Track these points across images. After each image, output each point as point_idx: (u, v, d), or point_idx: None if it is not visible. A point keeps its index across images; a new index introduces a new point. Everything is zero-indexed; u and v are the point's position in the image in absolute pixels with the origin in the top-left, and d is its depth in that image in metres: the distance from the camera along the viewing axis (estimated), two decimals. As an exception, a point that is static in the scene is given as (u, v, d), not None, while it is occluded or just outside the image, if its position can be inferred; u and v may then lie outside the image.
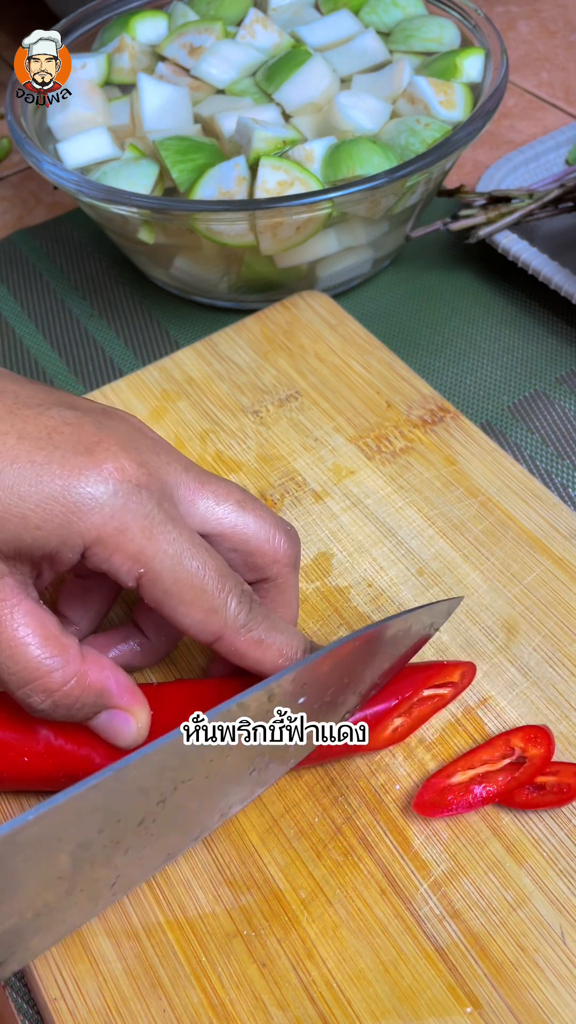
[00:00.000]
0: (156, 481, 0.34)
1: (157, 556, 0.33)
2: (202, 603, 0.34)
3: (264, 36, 0.64)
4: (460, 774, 0.37)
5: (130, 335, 0.64)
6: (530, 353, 0.59)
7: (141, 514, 0.33)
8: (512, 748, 0.38)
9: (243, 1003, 0.33)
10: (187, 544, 0.34)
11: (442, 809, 0.36)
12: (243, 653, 0.35)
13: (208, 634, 0.35)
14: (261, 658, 0.36)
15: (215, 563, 0.34)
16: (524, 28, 0.91)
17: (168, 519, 0.34)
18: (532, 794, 0.37)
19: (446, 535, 0.46)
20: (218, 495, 0.37)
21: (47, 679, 0.33)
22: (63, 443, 0.33)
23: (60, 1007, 0.34)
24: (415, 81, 0.59)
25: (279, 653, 0.36)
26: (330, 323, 0.57)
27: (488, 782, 0.37)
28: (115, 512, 0.32)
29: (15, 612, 0.32)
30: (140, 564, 0.33)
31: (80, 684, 0.33)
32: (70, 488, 0.32)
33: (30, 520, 0.32)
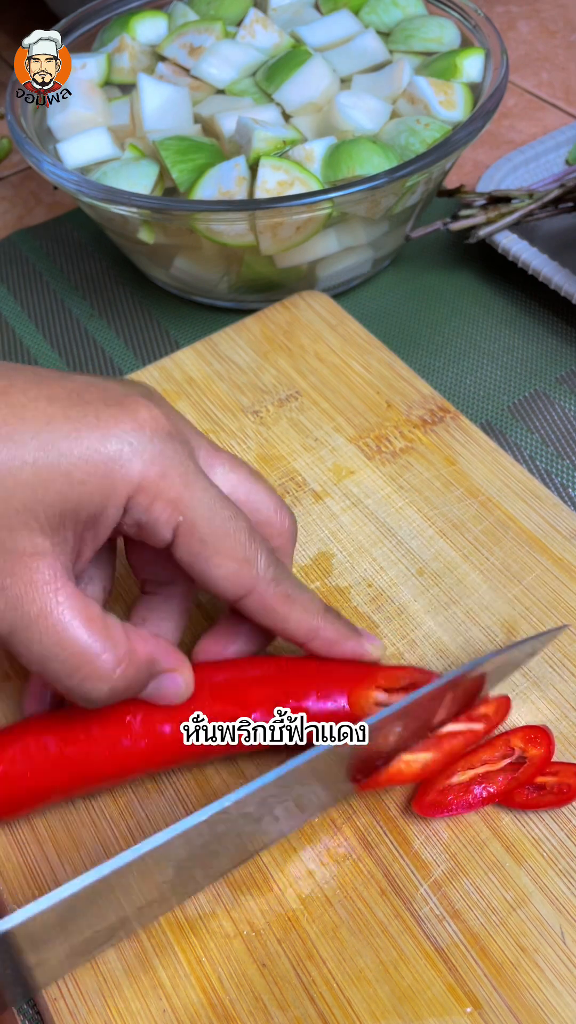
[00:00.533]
0: (183, 435, 0.35)
1: (194, 503, 0.33)
2: (236, 553, 0.34)
3: (264, 36, 0.64)
4: (460, 774, 0.37)
5: (130, 335, 0.64)
6: (530, 353, 0.59)
7: (178, 461, 0.33)
8: (512, 748, 0.38)
9: (243, 1003, 0.33)
10: (219, 495, 0.34)
11: (442, 809, 0.36)
12: (272, 607, 0.35)
13: (240, 587, 0.35)
14: (288, 614, 0.36)
15: (244, 516, 0.35)
16: (524, 28, 0.91)
17: (199, 470, 0.34)
18: (532, 794, 0.37)
19: (446, 535, 0.46)
20: (232, 464, 0.38)
21: (97, 663, 0.32)
22: (93, 399, 0.33)
23: (60, 1007, 0.34)
24: (415, 81, 0.59)
25: (304, 609, 0.36)
26: (330, 323, 0.57)
27: (488, 782, 0.37)
28: (154, 458, 0.32)
29: (59, 595, 0.32)
30: (179, 511, 0.33)
31: (133, 663, 0.33)
32: (109, 437, 0.32)
33: (74, 475, 0.31)
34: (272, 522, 0.38)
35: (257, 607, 0.36)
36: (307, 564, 0.46)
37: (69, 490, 0.31)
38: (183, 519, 0.33)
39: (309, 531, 0.47)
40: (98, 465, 0.32)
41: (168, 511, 0.33)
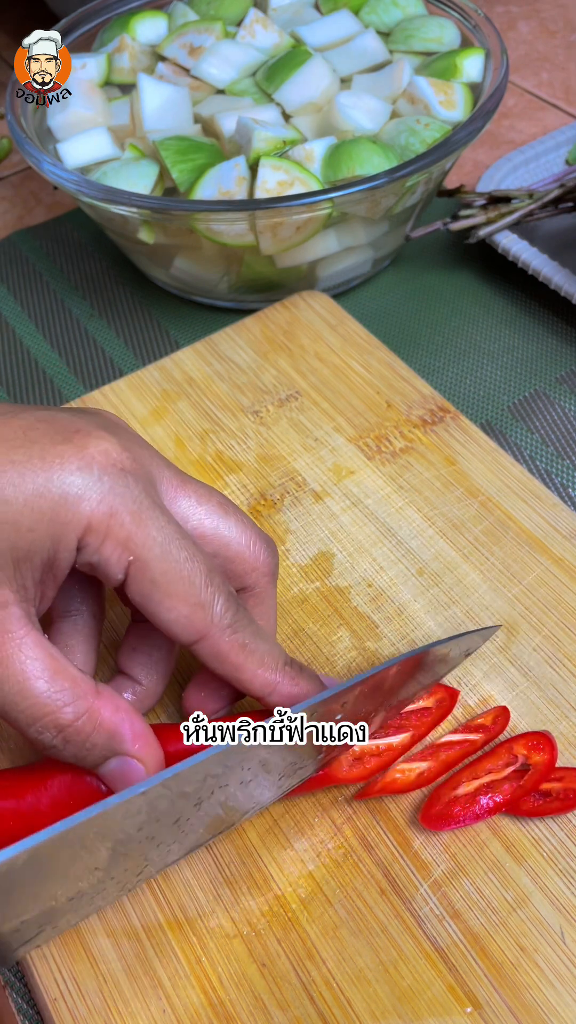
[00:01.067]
0: (141, 468, 0.33)
1: (146, 543, 0.32)
2: (189, 597, 0.33)
3: (264, 36, 0.64)
4: (465, 785, 0.37)
5: (130, 335, 0.64)
6: (530, 353, 0.59)
7: (129, 498, 0.32)
8: (515, 756, 0.37)
9: (243, 1003, 0.33)
10: (175, 533, 0.33)
11: (449, 821, 0.36)
12: (225, 655, 0.34)
13: (192, 632, 0.33)
14: (243, 663, 0.34)
15: (203, 557, 0.33)
16: (524, 28, 0.91)
17: (155, 505, 0.33)
18: (538, 801, 0.37)
19: (446, 535, 0.46)
20: (200, 496, 0.36)
21: (58, 714, 0.31)
22: (39, 437, 0.31)
23: (60, 1007, 0.34)
24: (415, 81, 0.59)
25: (260, 661, 0.35)
26: (330, 323, 0.57)
27: (494, 791, 0.37)
28: (103, 497, 0.31)
29: (23, 645, 0.31)
30: (129, 551, 0.32)
31: (92, 720, 0.32)
32: (53, 480, 0.31)
33: (21, 524, 0.30)
34: (245, 557, 0.36)
35: (210, 654, 0.34)
36: (307, 564, 0.46)
37: (18, 539, 0.31)
38: (134, 559, 0.32)
39: (309, 531, 0.47)
40: (44, 511, 0.31)
41: (118, 551, 0.32)
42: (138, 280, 0.67)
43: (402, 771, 0.37)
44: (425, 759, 0.38)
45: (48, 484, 0.31)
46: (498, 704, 0.40)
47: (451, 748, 0.38)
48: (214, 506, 0.36)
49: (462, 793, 0.37)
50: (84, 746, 0.32)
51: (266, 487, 0.49)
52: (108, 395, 0.54)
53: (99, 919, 0.35)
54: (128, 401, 0.54)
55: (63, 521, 0.31)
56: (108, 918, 0.36)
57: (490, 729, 0.39)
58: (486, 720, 0.39)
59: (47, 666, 0.31)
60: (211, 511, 0.36)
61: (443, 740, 0.38)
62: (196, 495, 0.36)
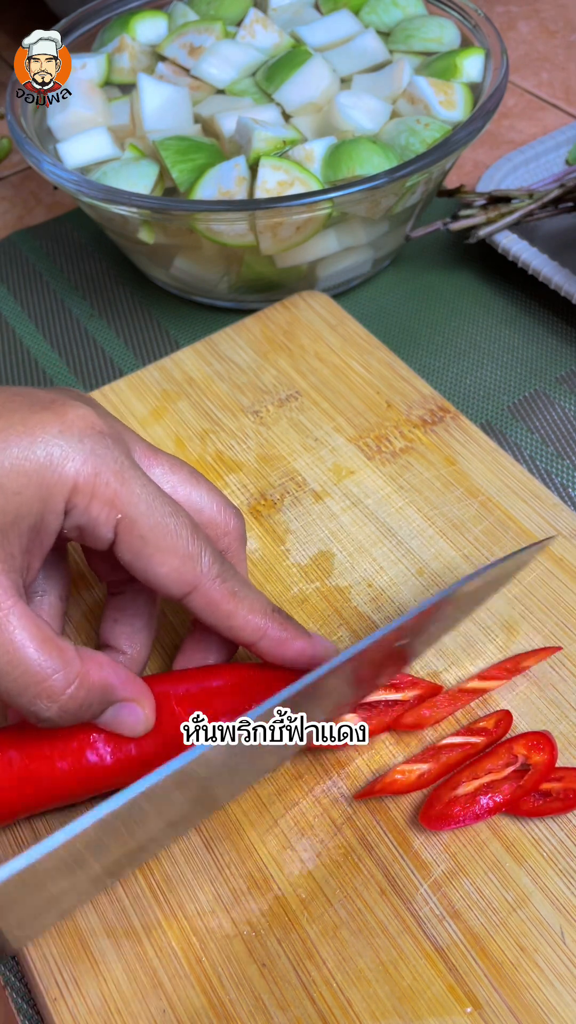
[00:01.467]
0: (117, 433, 0.34)
1: (132, 500, 0.33)
2: (178, 549, 0.34)
3: (264, 36, 0.64)
4: (465, 785, 0.37)
5: (130, 335, 0.64)
6: (530, 353, 0.59)
7: (111, 458, 0.33)
8: (516, 756, 0.37)
9: (243, 1003, 0.33)
10: (157, 491, 0.34)
11: (449, 821, 0.36)
12: (216, 604, 0.35)
13: (184, 584, 0.34)
14: (234, 610, 0.35)
15: (184, 512, 0.35)
16: (524, 28, 0.91)
17: (135, 466, 0.34)
18: (538, 801, 0.37)
19: (446, 535, 0.46)
20: (172, 465, 0.37)
21: (48, 683, 0.32)
22: (18, 407, 0.32)
23: (60, 1007, 0.34)
24: (415, 81, 0.59)
25: (251, 607, 0.36)
26: (330, 323, 0.57)
27: (494, 791, 0.37)
28: (86, 458, 0.32)
29: (11, 615, 0.31)
30: (117, 509, 0.33)
31: (83, 685, 0.33)
32: (37, 443, 0.32)
33: (8, 487, 0.31)
34: (217, 522, 0.38)
35: (202, 604, 0.35)
36: (307, 564, 0.46)
37: (5, 503, 0.31)
38: (122, 516, 0.33)
39: (309, 531, 0.47)
40: (30, 474, 0.31)
41: (106, 510, 0.33)
42: (138, 280, 0.67)
43: (402, 772, 0.37)
44: (426, 761, 0.38)
45: (32, 448, 0.31)
46: (496, 702, 0.40)
47: (452, 750, 0.38)
48: (186, 475, 0.37)
49: (462, 793, 0.37)
50: (81, 708, 0.33)
51: (266, 487, 0.49)
52: (108, 395, 0.54)
53: (99, 919, 0.36)
54: (128, 401, 0.54)
55: (50, 483, 0.32)
56: (108, 918, 0.36)
57: (492, 733, 0.39)
58: (488, 724, 0.39)
59: (35, 635, 0.32)
60: (183, 479, 0.37)
61: (445, 742, 0.38)
62: (168, 464, 0.37)
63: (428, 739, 0.39)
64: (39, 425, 0.32)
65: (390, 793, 0.37)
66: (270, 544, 0.47)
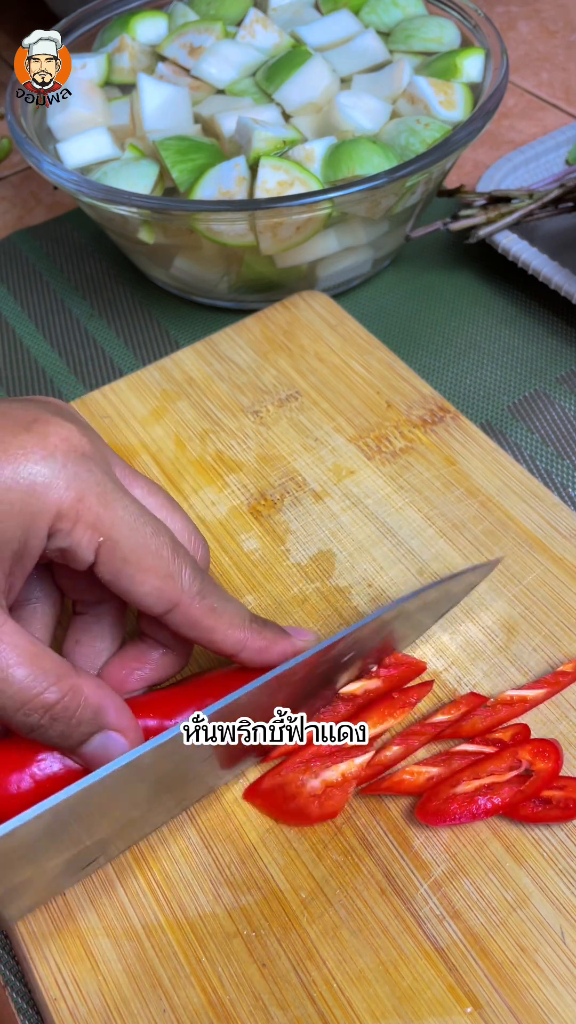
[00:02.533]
0: (99, 452, 0.34)
1: (115, 523, 0.33)
2: (159, 569, 0.34)
3: (264, 36, 0.64)
4: (465, 784, 0.37)
5: (130, 335, 0.64)
6: (530, 353, 0.59)
7: (93, 482, 0.33)
8: (520, 761, 0.37)
9: (243, 1003, 0.33)
10: (139, 510, 0.34)
11: (445, 818, 0.36)
12: (197, 620, 0.35)
13: (165, 602, 0.34)
14: (215, 625, 0.36)
15: (166, 530, 0.35)
16: (524, 28, 0.91)
17: (118, 487, 0.34)
18: (537, 808, 0.36)
19: (446, 535, 0.46)
20: (149, 488, 0.38)
21: (44, 695, 0.32)
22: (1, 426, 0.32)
23: (60, 1007, 0.34)
24: (415, 81, 0.59)
25: (230, 622, 0.36)
26: (330, 323, 0.57)
27: (494, 793, 0.36)
28: (69, 483, 0.32)
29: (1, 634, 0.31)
30: (99, 532, 0.33)
31: (76, 697, 0.33)
32: (20, 471, 0.31)
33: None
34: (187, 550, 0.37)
35: (183, 621, 0.35)
36: (307, 564, 0.46)
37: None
38: (104, 539, 0.33)
39: (309, 531, 0.47)
40: (13, 502, 0.31)
41: (89, 533, 0.33)
42: (138, 280, 0.67)
43: (412, 773, 0.37)
44: (436, 764, 0.38)
45: (15, 476, 0.31)
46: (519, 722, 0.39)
47: (465, 757, 0.38)
48: (162, 499, 0.38)
49: (461, 791, 0.37)
50: (71, 723, 0.33)
51: (266, 487, 0.49)
52: (108, 395, 0.54)
53: (99, 919, 0.36)
54: (128, 401, 0.54)
55: (33, 511, 0.32)
56: (108, 918, 0.36)
57: (508, 744, 0.38)
58: (505, 735, 0.38)
59: (26, 651, 0.32)
60: (160, 503, 0.38)
61: (458, 748, 0.38)
62: (146, 487, 0.38)
63: (438, 745, 0.39)
64: (21, 450, 0.32)
65: (396, 792, 0.37)
66: (270, 544, 0.47)
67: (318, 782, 0.37)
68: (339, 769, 0.37)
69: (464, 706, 0.39)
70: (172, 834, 0.37)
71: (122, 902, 0.36)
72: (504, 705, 0.39)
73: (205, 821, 0.38)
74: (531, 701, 0.39)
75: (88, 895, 0.36)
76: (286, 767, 0.37)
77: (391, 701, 0.39)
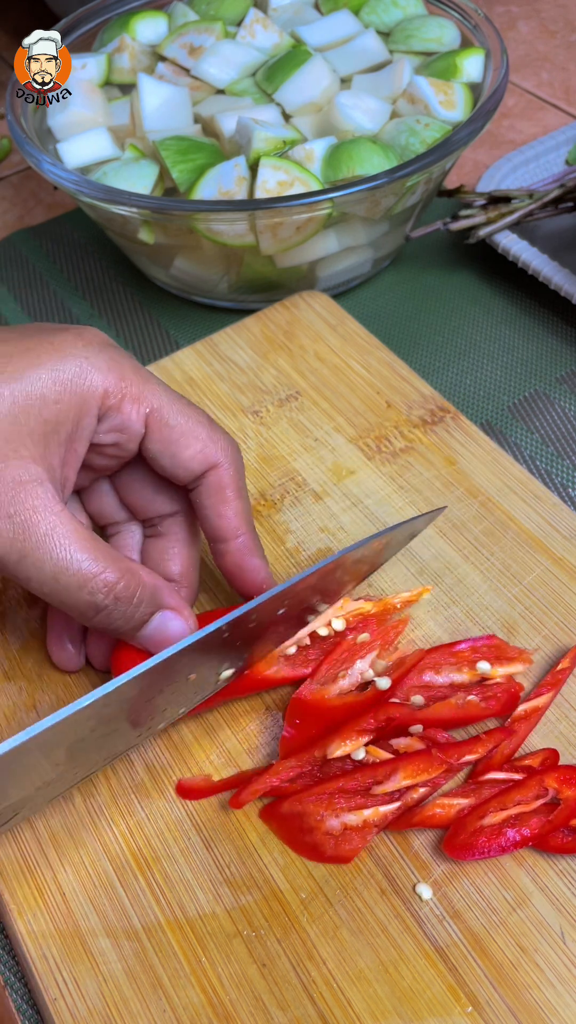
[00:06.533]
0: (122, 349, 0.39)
1: (156, 393, 0.37)
2: (200, 432, 0.38)
3: (264, 36, 0.64)
4: (492, 815, 0.36)
5: (130, 335, 0.64)
6: (530, 353, 0.59)
7: (129, 364, 0.37)
8: (546, 788, 0.36)
9: (243, 1003, 0.33)
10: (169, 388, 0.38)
11: (473, 852, 0.35)
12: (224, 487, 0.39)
13: (206, 462, 0.38)
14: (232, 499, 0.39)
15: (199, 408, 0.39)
16: (524, 28, 0.91)
17: (148, 372, 0.38)
18: (567, 838, 0.35)
19: (446, 535, 0.46)
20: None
21: (101, 577, 0.34)
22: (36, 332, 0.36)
23: (60, 1007, 0.34)
24: (415, 81, 0.59)
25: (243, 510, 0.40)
26: (330, 323, 0.57)
27: (521, 824, 0.35)
28: (110, 365, 0.36)
29: (60, 517, 0.34)
30: (145, 403, 0.37)
31: (135, 579, 0.36)
32: (66, 357, 0.35)
33: (48, 397, 0.35)
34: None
35: (212, 484, 0.39)
36: (307, 564, 0.46)
37: (46, 411, 0.35)
38: (150, 409, 0.37)
39: (309, 531, 0.47)
40: (65, 383, 0.35)
41: (136, 406, 0.37)
42: (138, 280, 0.67)
43: (443, 806, 0.36)
44: (467, 795, 0.37)
45: (63, 361, 0.35)
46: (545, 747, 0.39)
47: (494, 786, 0.37)
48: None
49: (488, 824, 0.35)
50: (132, 602, 0.36)
51: (266, 487, 0.49)
52: (108, 395, 0.54)
53: (99, 919, 0.36)
54: (128, 401, 0.54)
55: (84, 390, 0.36)
56: (108, 918, 0.36)
57: (537, 771, 0.37)
58: (534, 761, 0.37)
59: (83, 536, 0.35)
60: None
61: (487, 777, 0.37)
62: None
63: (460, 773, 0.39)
64: (65, 342, 0.36)
65: (428, 827, 0.36)
66: (270, 544, 0.47)
67: (338, 823, 0.36)
68: (363, 815, 0.36)
69: (491, 742, 0.38)
70: (172, 834, 0.37)
71: (122, 902, 0.36)
72: (520, 721, 0.39)
73: (205, 821, 0.38)
74: (543, 707, 0.39)
75: (88, 895, 0.36)
76: (308, 796, 0.37)
77: (429, 757, 0.37)
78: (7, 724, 0.41)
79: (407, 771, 0.36)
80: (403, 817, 0.36)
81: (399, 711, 0.38)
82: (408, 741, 0.38)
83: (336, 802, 0.36)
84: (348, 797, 0.36)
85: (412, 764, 0.36)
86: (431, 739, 0.38)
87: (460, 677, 0.40)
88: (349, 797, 0.36)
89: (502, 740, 0.38)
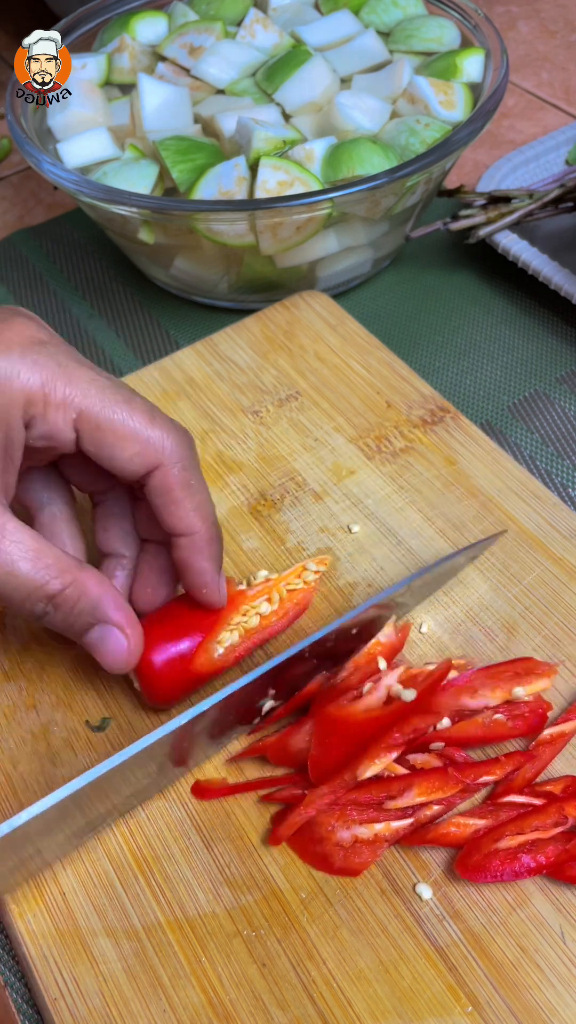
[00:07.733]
0: (56, 338, 0.36)
1: (84, 395, 0.35)
2: (137, 433, 0.36)
3: (264, 36, 0.64)
4: (508, 839, 0.35)
5: (130, 335, 0.64)
6: (530, 353, 0.59)
7: (54, 363, 0.35)
8: (565, 816, 0.35)
9: (243, 1003, 0.33)
10: (107, 381, 0.36)
11: (486, 874, 0.35)
12: (171, 488, 0.37)
13: (147, 463, 0.36)
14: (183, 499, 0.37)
15: (141, 399, 0.37)
16: (524, 28, 0.91)
17: (81, 363, 0.36)
18: None
19: (446, 535, 0.46)
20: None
21: (46, 587, 0.34)
22: None
23: (60, 1007, 0.34)
24: (415, 81, 0.59)
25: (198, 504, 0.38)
26: (330, 323, 0.57)
27: (538, 851, 0.35)
28: (31, 370, 0.34)
29: (4, 531, 0.34)
30: (72, 407, 0.35)
31: (77, 589, 0.35)
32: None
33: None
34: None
35: (158, 486, 0.37)
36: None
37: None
38: (78, 414, 0.35)
39: (309, 531, 0.47)
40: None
41: (62, 412, 0.35)
42: (138, 280, 0.67)
43: (458, 825, 0.36)
44: (484, 816, 0.36)
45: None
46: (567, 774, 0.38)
47: (513, 809, 0.36)
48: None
49: (503, 847, 0.35)
50: (72, 612, 0.36)
51: (266, 487, 0.49)
52: (108, 395, 0.54)
53: (99, 919, 0.36)
54: (128, 401, 0.54)
55: (3, 403, 0.34)
56: (108, 918, 0.36)
57: (558, 798, 0.36)
58: (555, 788, 0.37)
59: (30, 547, 0.34)
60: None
61: (506, 800, 0.37)
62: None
63: (480, 794, 0.38)
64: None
65: (441, 844, 0.36)
66: (270, 544, 0.47)
67: (348, 835, 0.36)
68: (374, 829, 0.35)
69: (509, 765, 0.37)
70: (172, 834, 0.37)
71: (122, 902, 0.36)
72: (545, 745, 0.38)
73: (205, 821, 0.38)
74: (569, 733, 0.38)
75: (88, 895, 0.36)
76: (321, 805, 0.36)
77: (444, 775, 0.37)
78: (7, 724, 0.41)
79: (422, 788, 0.36)
80: (416, 833, 0.36)
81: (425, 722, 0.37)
82: (425, 757, 0.37)
83: (348, 814, 0.36)
84: (361, 810, 0.36)
85: (427, 781, 0.36)
86: (449, 757, 0.37)
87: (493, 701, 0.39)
88: (362, 810, 0.36)
89: (522, 764, 0.37)
